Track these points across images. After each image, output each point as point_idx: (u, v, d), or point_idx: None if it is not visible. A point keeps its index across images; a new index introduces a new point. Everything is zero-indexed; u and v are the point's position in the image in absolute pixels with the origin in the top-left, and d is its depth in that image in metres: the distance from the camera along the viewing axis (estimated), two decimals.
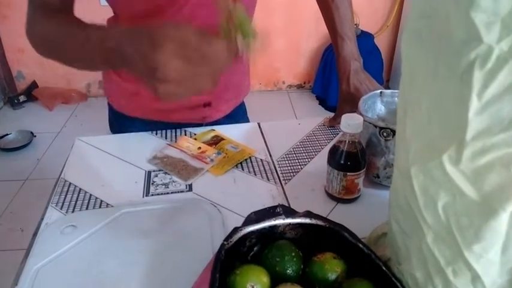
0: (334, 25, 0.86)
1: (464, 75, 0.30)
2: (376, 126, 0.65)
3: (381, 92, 0.76)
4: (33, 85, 2.77)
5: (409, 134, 0.37)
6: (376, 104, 0.76)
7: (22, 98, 2.70)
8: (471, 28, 0.29)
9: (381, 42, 2.77)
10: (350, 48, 0.85)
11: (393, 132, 0.63)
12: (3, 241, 1.71)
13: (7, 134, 2.34)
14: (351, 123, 0.62)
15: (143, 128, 0.88)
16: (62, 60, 0.59)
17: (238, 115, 1.01)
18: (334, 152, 0.65)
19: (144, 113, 0.88)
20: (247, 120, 1.05)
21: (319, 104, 2.80)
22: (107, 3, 0.75)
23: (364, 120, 0.64)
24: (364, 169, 0.65)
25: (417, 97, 0.35)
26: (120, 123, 0.92)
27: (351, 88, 0.82)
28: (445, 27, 0.31)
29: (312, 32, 2.78)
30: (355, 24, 2.59)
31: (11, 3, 2.54)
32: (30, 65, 2.74)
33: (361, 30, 2.58)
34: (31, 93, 2.72)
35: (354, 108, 0.79)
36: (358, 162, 0.64)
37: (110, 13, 0.80)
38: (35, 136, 2.34)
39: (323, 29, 3.15)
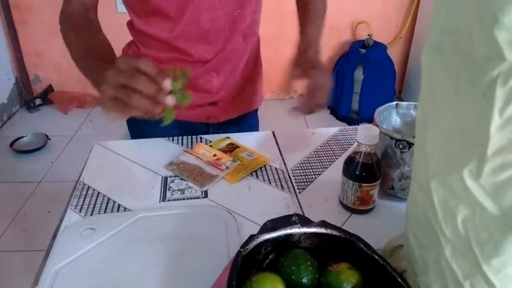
0: (309, 15, 0.90)
1: (486, 92, 0.31)
2: (392, 138, 0.65)
3: (396, 104, 0.76)
4: (49, 89, 2.82)
5: (429, 148, 0.37)
6: (392, 115, 0.76)
7: (38, 102, 2.75)
8: (494, 46, 0.29)
9: (394, 53, 2.76)
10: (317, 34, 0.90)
11: (409, 144, 0.64)
12: (18, 242, 1.74)
13: (22, 137, 2.38)
14: (367, 135, 0.62)
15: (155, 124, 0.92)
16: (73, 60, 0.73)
17: (250, 125, 1.02)
18: (349, 163, 0.65)
19: None
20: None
21: (331, 113, 2.80)
22: (123, 11, 0.81)
23: (380, 132, 0.64)
24: (379, 180, 0.65)
25: (438, 112, 0.36)
26: (133, 121, 0.96)
27: (309, 54, 0.84)
28: (467, 43, 0.32)
29: (324, 40, 2.79)
30: (368, 35, 2.60)
31: (31, 9, 2.60)
32: (47, 69, 2.79)
33: (374, 41, 2.59)
34: (47, 96, 2.77)
35: (304, 74, 0.80)
36: (374, 173, 0.64)
37: (126, 19, 0.86)
38: (50, 139, 2.37)
39: (335, 39, 3.13)
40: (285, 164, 0.81)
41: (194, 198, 0.71)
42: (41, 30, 2.64)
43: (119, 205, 0.69)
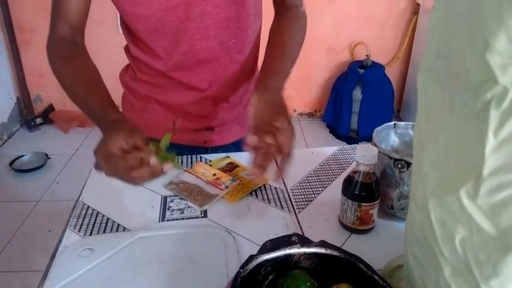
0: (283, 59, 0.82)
1: (480, 114, 0.31)
2: (390, 158, 0.66)
3: (394, 124, 0.77)
4: (50, 108, 2.84)
5: (426, 168, 0.38)
6: (390, 135, 0.77)
7: (39, 121, 2.76)
8: (487, 70, 0.30)
9: (392, 73, 2.80)
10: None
11: (408, 164, 0.64)
12: (15, 262, 1.72)
13: (22, 156, 2.39)
14: (365, 154, 0.63)
15: None
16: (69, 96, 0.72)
17: None
18: (348, 183, 0.66)
19: (150, 130, 0.91)
20: None
21: (330, 132, 2.81)
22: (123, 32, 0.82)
23: (378, 152, 0.65)
24: (379, 200, 0.65)
25: (434, 133, 0.36)
26: None
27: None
28: (461, 67, 0.33)
29: (323, 61, 2.83)
30: (366, 55, 2.64)
31: (34, 30, 2.64)
32: (49, 89, 2.81)
33: (372, 61, 2.62)
34: (48, 115, 2.78)
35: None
36: (373, 193, 0.64)
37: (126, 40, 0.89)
38: (50, 158, 2.38)
39: (334, 58, 3.14)
40: (284, 184, 0.81)
41: (193, 218, 0.71)
42: (43, 51, 2.67)
43: (118, 225, 0.69)
